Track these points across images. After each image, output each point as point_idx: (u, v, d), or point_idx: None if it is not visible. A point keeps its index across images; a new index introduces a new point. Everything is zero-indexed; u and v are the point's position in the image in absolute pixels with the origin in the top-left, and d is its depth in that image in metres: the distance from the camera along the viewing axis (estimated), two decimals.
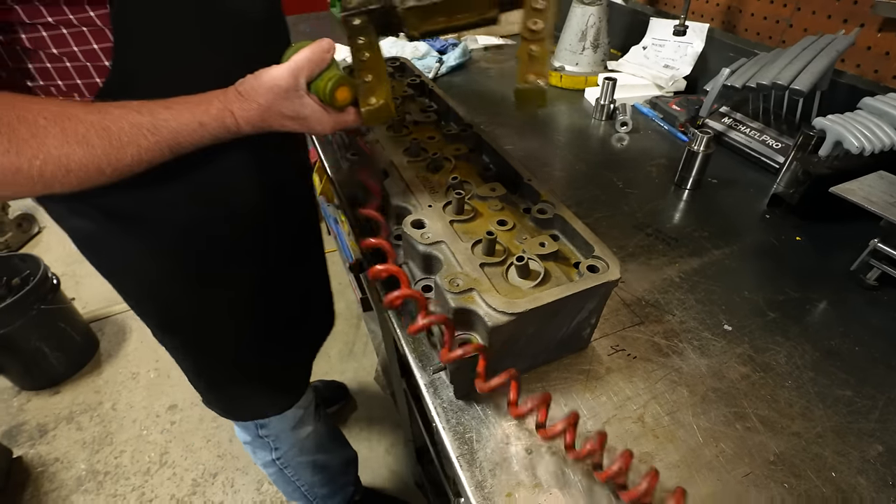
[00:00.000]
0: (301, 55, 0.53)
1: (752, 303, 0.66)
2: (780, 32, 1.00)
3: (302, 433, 1.06)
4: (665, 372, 0.57)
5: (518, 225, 0.61)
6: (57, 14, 0.47)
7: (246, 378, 0.89)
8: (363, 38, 0.61)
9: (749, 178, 0.91)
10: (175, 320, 0.77)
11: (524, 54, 0.55)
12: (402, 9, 0.57)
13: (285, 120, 0.55)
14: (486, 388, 0.47)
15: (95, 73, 0.51)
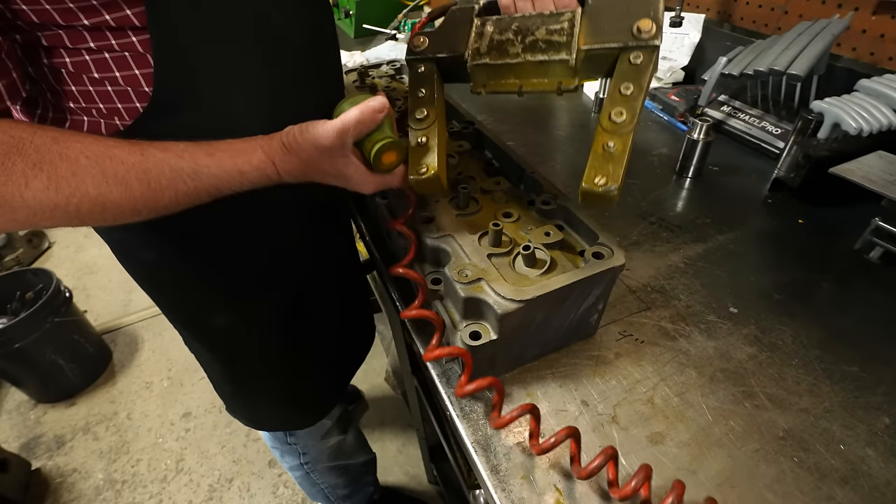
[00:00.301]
0: (351, 115, 0.50)
1: (757, 286, 0.67)
2: (775, 20, 1.01)
3: (330, 442, 1.07)
4: (673, 355, 0.58)
5: (523, 216, 0.62)
6: (100, 39, 0.47)
7: (274, 394, 0.90)
8: (424, 91, 0.57)
9: (750, 164, 0.92)
10: (206, 331, 0.77)
11: (599, 148, 0.48)
12: (472, 64, 0.54)
13: (328, 177, 0.54)
14: (464, 392, 0.49)
15: (136, 98, 0.51)
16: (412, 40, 0.59)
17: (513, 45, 0.52)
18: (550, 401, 0.54)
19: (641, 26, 0.47)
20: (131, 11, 0.46)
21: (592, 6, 0.51)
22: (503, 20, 0.54)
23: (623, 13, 0.48)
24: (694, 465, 0.48)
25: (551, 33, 0.51)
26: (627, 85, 0.47)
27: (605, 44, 0.48)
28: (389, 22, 1.65)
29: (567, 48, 0.50)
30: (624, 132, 0.47)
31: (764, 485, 0.46)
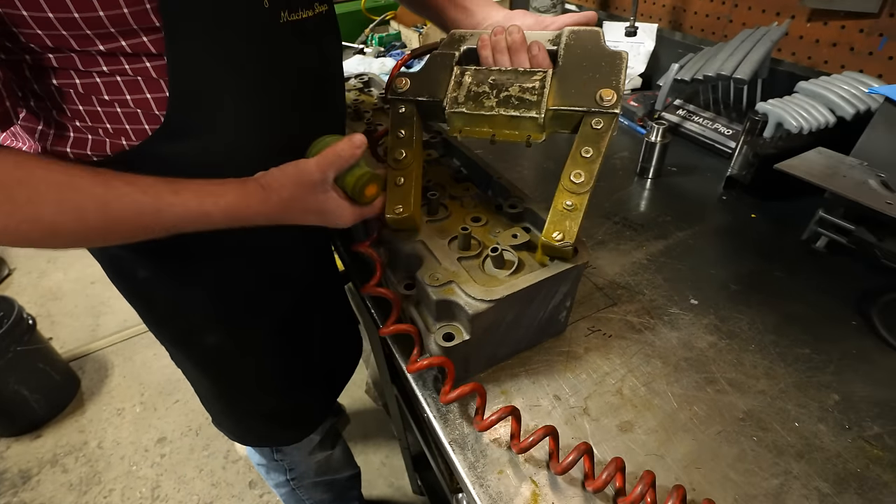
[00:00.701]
0: (331, 150, 0.51)
1: (715, 278, 0.70)
2: (721, 28, 1.07)
3: (317, 457, 1.06)
4: (639, 347, 0.61)
5: (491, 220, 0.64)
6: (113, 64, 0.47)
7: (265, 410, 0.89)
8: (404, 132, 0.60)
9: (706, 164, 0.96)
10: (197, 349, 0.76)
11: (559, 205, 0.52)
12: (450, 111, 0.57)
13: (307, 214, 0.53)
14: (448, 399, 0.50)
15: (145, 121, 0.51)
16: (395, 81, 0.61)
17: (488, 97, 0.56)
18: (524, 397, 0.56)
19: (604, 95, 0.52)
20: (148, 38, 0.46)
21: (562, 69, 0.55)
22: (481, 72, 0.58)
23: (589, 80, 0.53)
24: (662, 450, 0.50)
25: (524, 91, 0.55)
26: (588, 149, 0.52)
27: (571, 106, 0.53)
28: (357, 37, 1.67)
29: (537, 107, 0.54)
30: (582, 192, 0.51)
31: (727, 464, 0.48)
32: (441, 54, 0.62)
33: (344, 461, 1.18)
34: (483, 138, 0.58)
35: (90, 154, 0.53)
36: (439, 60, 0.61)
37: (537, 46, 0.57)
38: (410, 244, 0.60)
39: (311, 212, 0.53)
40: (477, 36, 0.62)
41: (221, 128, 0.55)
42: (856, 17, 0.84)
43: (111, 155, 0.53)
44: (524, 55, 0.58)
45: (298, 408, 0.92)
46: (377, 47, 1.60)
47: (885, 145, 0.67)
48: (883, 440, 0.50)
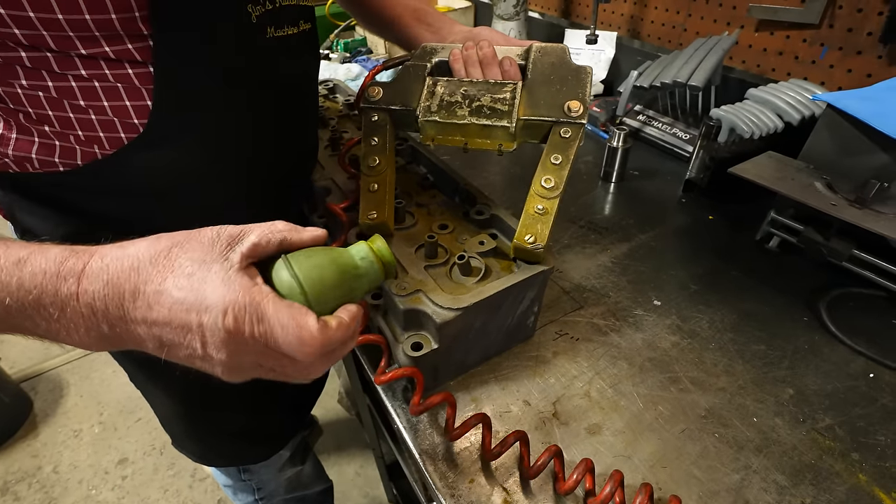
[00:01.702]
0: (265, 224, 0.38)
1: (676, 278, 0.72)
2: (677, 36, 1.11)
3: (287, 474, 1.02)
4: (605, 349, 0.62)
5: (458, 227, 0.64)
6: (92, 68, 0.44)
7: (232, 429, 0.85)
8: (377, 140, 0.61)
9: (666, 167, 0.99)
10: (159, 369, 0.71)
11: (531, 209, 0.54)
12: (423, 120, 0.58)
13: (173, 290, 0.32)
14: (418, 410, 0.50)
15: (122, 129, 0.48)
16: (367, 89, 0.62)
17: (461, 107, 0.58)
18: (494, 403, 0.56)
19: (571, 106, 0.55)
20: (133, 46, 0.44)
21: (532, 81, 0.58)
22: (453, 83, 0.60)
23: (557, 91, 0.57)
24: (629, 451, 0.51)
25: (495, 101, 0.57)
26: (557, 156, 0.55)
27: (541, 117, 0.56)
28: (322, 42, 1.65)
29: (508, 117, 0.56)
30: (552, 196, 0.54)
31: (691, 461, 0.50)
32: (413, 65, 0.63)
33: (315, 476, 1.16)
34: (456, 146, 0.60)
35: (58, 162, 0.50)
36: (412, 71, 0.62)
37: (509, 61, 0.59)
38: None
39: (178, 284, 0.31)
40: (448, 49, 0.64)
41: (203, 139, 0.53)
42: (799, 27, 0.88)
43: (81, 165, 0.50)
44: (496, 69, 0.59)
45: (268, 423, 0.89)
46: (342, 53, 1.59)
47: (828, 149, 0.70)
48: (834, 431, 0.52)
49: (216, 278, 0.31)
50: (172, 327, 0.31)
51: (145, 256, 0.32)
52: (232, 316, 0.31)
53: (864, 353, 0.59)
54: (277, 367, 0.35)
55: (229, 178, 0.51)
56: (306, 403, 0.99)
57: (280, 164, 0.65)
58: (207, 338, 0.31)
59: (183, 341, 0.32)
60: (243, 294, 0.31)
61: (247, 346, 0.32)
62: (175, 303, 0.31)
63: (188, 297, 0.31)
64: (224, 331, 0.31)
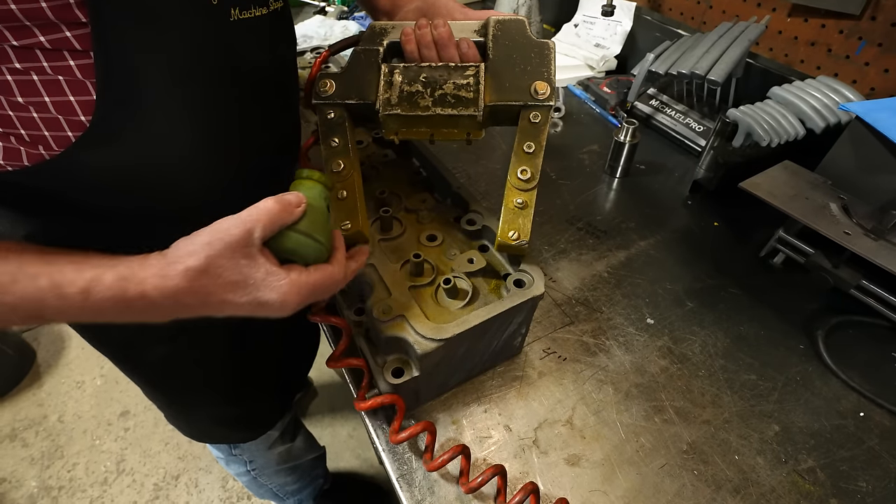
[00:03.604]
0: (262, 205, 0.42)
1: (672, 293, 0.70)
2: (701, 13, 1.02)
3: (278, 450, 1.05)
4: (592, 371, 0.61)
5: (447, 238, 0.61)
6: (28, 60, 0.40)
7: (216, 415, 0.86)
8: (337, 140, 0.56)
9: (675, 161, 0.94)
10: (140, 363, 0.72)
11: (510, 203, 0.52)
12: (384, 114, 0.54)
13: (229, 291, 0.40)
14: (398, 439, 0.49)
15: (68, 127, 0.44)
16: (318, 82, 0.57)
17: (423, 97, 0.54)
18: (475, 427, 0.55)
19: (538, 88, 0.52)
20: (72, 34, 0.39)
21: (494, 62, 0.54)
22: (411, 69, 0.55)
23: (521, 72, 0.53)
24: (606, 486, 0.51)
25: (458, 88, 0.53)
26: (529, 144, 0.52)
27: (508, 101, 0.53)
28: None
29: (474, 104, 0.52)
30: (530, 188, 0.52)
31: (667, 500, 0.50)
32: (364, 50, 0.57)
33: (306, 448, 1.19)
34: (422, 139, 0.57)
35: (4, 164, 0.46)
36: (363, 58, 0.57)
37: (466, 43, 0.55)
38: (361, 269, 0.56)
39: (232, 287, 0.40)
40: (399, 28, 0.58)
41: (160, 135, 0.49)
42: (837, 16, 0.80)
43: (29, 165, 0.46)
44: (453, 50, 0.55)
45: (251, 411, 0.90)
46: (340, 6, 1.48)
47: (850, 165, 0.66)
48: (815, 474, 0.52)
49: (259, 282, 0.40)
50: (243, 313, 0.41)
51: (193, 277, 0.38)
52: (287, 305, 0.42)
53: (857, 389, 0.58)
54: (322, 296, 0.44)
55: (199, 180, 0.47)
56: (292, 389, 1.01)
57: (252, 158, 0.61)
58: (273, 314, 0.43)
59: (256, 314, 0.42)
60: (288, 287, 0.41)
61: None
62: (240, 307, 0.41)
63: (248, 300, 0.40)
64: (282, 310, 0.42)
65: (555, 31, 1.29)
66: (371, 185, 0.68)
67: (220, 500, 1.52)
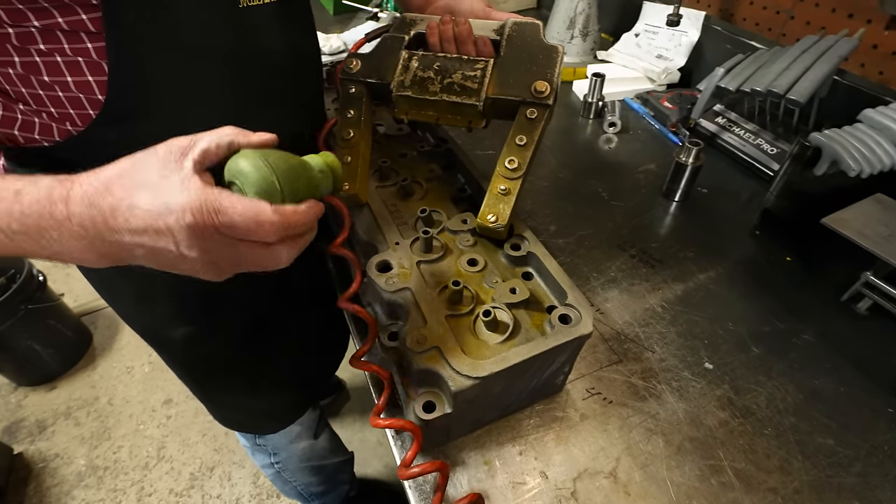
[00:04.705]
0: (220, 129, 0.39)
1: (735, 336, 0.63)
2: (780, 24, 0.93)
3: (300, 446, 1.07)
4: (641, 418, 0.55)
5: (490, 263, 0.58)
6: (51, 42, 0.44)
7: (238, 402, 0.89)
8: (353, 112, 0.62)
9: (741, 186, 0.86)
10: (165, 343, 0.77)
11: (495, 189, 0.55)
12: (396, 94, 0.60)
13: (139, 190, 0.35)
14: (406, 475, 0.46)
15: (89, 105, 0.49)
16: (347, 61, 0.64)
17: (432, 83, 0.59)
18: (508, 471, 0.51)
19: (538, 87, 0.56)
20: (87, 16, 0.43)
21: (503, 60, 0.59)
22: (427, 57, 0.61)
23: (526, 71, 0.57)
24: None
25: (466, 79, 0.58)
26: (522, 137, 0.55)
27: (508, 96, 0.57)
28: None
29: (477, 95, 0.57)
30: (515, 177, 0.55)
31: None
32: (392, 37, 0.64)
33: (331, 449, 1.19)
34: (429, 122, 0.63)
35: (39, 139, 0.51)
36: (389, 43, 0.63)
37: (483, 41, 0.60)
38: (397, 292, 0.54)
39: (143, 187, 0.35)
40: (426, 21, 0.64)
41: (170, 116, 0.52)
42: None
43: (60, 140, 0.51)
44: (470, 46, 0.60)
45: (274, 403, 0.93)
46: (392, 12, 1.47)
47: None
48: None
49: (174, 187, 0.35)
50: (149, 234, 0.35)
51: (114, 178, 0.36)
52: (191, 214, 0.34)
53: None
54: (249, 258, 0.38)
55: None
56: (315, 384, 1.01)
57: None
58: (178, 237, 0.35)
59: (160, 245, 0.36)
60: (198, 194, 0.34)
61: (213, 240, 0.36)
62: (145, 213, 0.35)
63: (154, 206, 0.34)
64: (187, 228, 0.34)
65: (613, 40, 1.23)
66: (411, 203, 0.66)
67: (251, 496, 1.54)
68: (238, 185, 0.38)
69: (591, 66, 1.12)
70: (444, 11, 0.67)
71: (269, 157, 0.38)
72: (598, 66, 1.11)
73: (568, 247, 0.75)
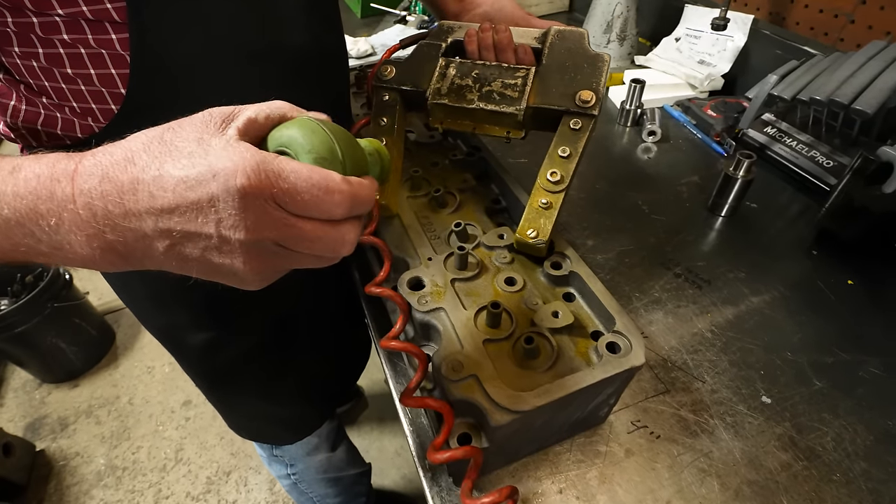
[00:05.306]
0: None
1: (795, 366, 0.58)
2: (838, 29, 0.87)
3: (317, 458, 1.05)
4: (693, 457, 0.51)
5: (529, 282, 0.54)
6: (75, 32, 0.43)
7: (253, 411, 0.88)
8: (386, 120, 0.61)
9: (794, 200, 0.81)
10: (180, 346, 0.75)
11: (535, 203, 0.52)
12: (432, 102, 0.58)
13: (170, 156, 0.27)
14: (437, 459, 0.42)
15: (111, 100, 0.48)
16: (381, 67, 0.61)
17: (470, 91, 0.57)
18: None
19: (583, 96, 0.53)
20: (112, 6, 0.42)
21: (545, 67, 0.56)
22: (466, 65, 0.59)
23: (570, 80, 0.55)
24: None
25: (506, 87, 0.56)
26: (565, 148, 0.53)
27: (550, 105, 0.55)
28: (399, 1, 1.51)
29: (517, 104, 0.55)
30: (558, 190, 0.52)
31: None
32: (428, 44, 0.62)
33: (348, 461, 1.17)
34: (465, 131, 0.61)
35: (61, 134, 0.50)
36: (426, 50, 0.62)
37: (523, 49, 0.58)
38: (430, 312, 0.50)
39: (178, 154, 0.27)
40: (465, 28, 0.62)
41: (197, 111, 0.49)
42: None
43: (82, 137, 0.50)
44: (510, 54, 0.58)
45: (291, 414, 0.91)
46: (421, 16, 1.44)
47: None
48: None
49: (217, 149, 0.27)
50: (181, 212, 0.27)
51: (138, 146, 0.28)
52: (245, 175, 0.26)
53: None
54: (309, 242, 0.30)
55: None
56: (334, 398, 0.99)
57: None
58: (221, 212, 0.26)
59: (194, 228, 0.27)
60: (252, 154, 0.27)
61: (266, 216, 0.27)
62: (178, 182, 0.26)
63: (191, 172, 0.26)
64: (238, 193, 0.26)
65: (651, 45, 1.18)
66: (444, 215, 0.62)
67: (266, 503, 1.53)
68: (290, 155, 0.30)
69: (628, 71, 1.07)
70: (483, 19, 0.65)
71: (323, 123, 0.32)
72: (635, 72, 1.07)
73: (607, 263, 0.71)
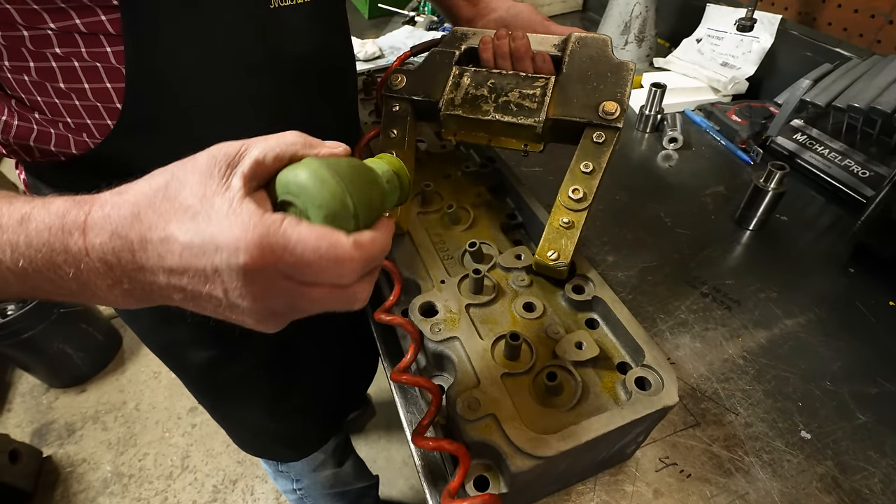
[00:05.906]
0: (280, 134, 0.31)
1: (835, 398, 0.54)
2: (874, 30, 0.82)
3: (324, 474, 1.03)
4: (728, 499, 0.47)
5: (549, 308, 0.50)
6: (68, 45, 0.41)
7: (257, 429, 0.85)
8: (396, 132, 0.58)
9: (827, 213, 0.76)
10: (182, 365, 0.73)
11: (555, 222, 0.49)
12: (445, 113, 0.55)
13: (175, 216, 0.26)
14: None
15: (106, 115, 0.46)
16: (391, 76, 0.59)
17: (486, 102, 0.54)
18: None
19: (607, 108, 0.50)
20: (106, 18, 0.40)
21: (566, 76, 0.53)
22: (481, 74, 0.56)
23: (592, 90, 0.52)
24: None
25: (523, 98, 0.53)
26: (588, 163, 0.50)
27: (572, 117, 0.51)
28: (408, 2, 1.47)
29: (536, 115, 0.52)
30: (580, 209, 0.49)
31: None
32: (441, 52, 0.59)
33: (355, 475, 1.14)
34: (479, 144, 0.57)
35: (55, 150, 0.47)
36: (438, 58, 0.59)
37: (542, 58, 0.55)
38: (444, 342, 0.47)
39: (183, 212, 0.26)
40: (479, 35, 0.60)
41: (192, 127, 0.48)
42: None
43: (77, 154, 0.47)
44: (528, 62, 0.56)
45: (296, 431, 0.88)
46: (429, 16, 1.41)
47: None
48: None
49: (220, 213, 0.26)
50: (190, 275, 0.27)
51: (144, 200, 0.27)
52: (245, 254, 0.25)
53: None
54: (319, 303, 0.29)
55: None
56: (338, 413, 0.96)
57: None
58: (227, 283, 0.26)
59: (203, 290, 0.27)
60: (254, 225, 0.25)
61: (273, 286, 0.27)
62: (184, 248, 0.26)
63: (195, 239, 0.26)
64: (241, 272, 0.25)
65: (670, 46, 1.13)
66: (457, 232, 0.59)
67: None
68: (298, 207, 0.28)
69: (646, 74, 1.03)
70: (499, 25, 0.61)
71: (335, 166, 0.28)
72: (654, 75, 1.02)
73: (629, 281, 0.67)
